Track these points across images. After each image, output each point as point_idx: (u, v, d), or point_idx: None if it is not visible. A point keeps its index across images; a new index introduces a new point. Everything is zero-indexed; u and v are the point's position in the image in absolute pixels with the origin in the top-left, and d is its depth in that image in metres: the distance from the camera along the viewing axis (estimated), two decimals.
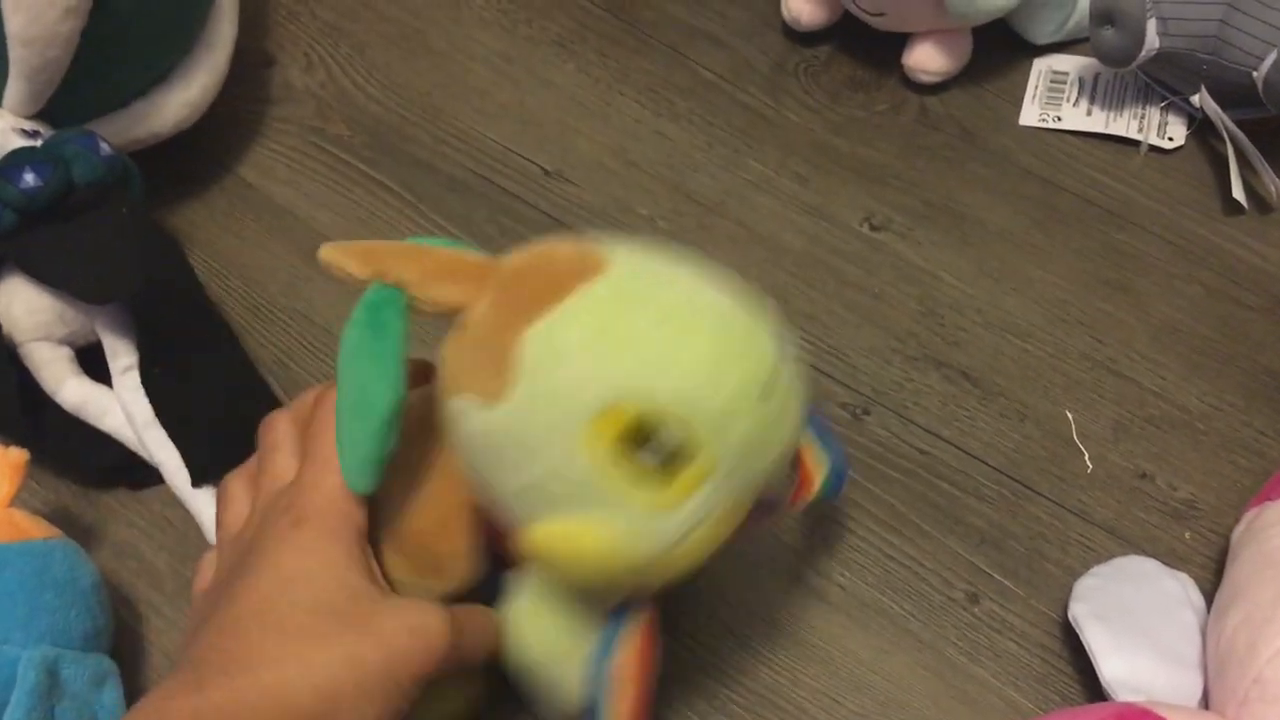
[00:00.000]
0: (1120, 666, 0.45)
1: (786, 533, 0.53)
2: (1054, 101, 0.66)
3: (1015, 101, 0.67)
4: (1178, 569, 0.49)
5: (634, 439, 0.34)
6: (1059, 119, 0.66)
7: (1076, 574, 0.50)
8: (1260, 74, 0.58)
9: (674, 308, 0.35)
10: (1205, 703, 0.45)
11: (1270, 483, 0.50)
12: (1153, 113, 0.65)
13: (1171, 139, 0.64)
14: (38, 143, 0.52)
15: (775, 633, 0.50)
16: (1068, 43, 0.69)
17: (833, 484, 0.46)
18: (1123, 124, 0.65)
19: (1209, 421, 0.55)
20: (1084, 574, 0.49)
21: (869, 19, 0.66)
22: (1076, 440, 0.55)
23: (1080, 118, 0.66)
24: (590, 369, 0.34)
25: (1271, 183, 0.61)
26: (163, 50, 0.59)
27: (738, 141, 0.66)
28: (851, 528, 0.53)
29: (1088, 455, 0.55)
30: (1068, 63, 0.68)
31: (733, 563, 0.52)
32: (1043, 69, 0.68)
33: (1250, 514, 0.49)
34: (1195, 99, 0.63)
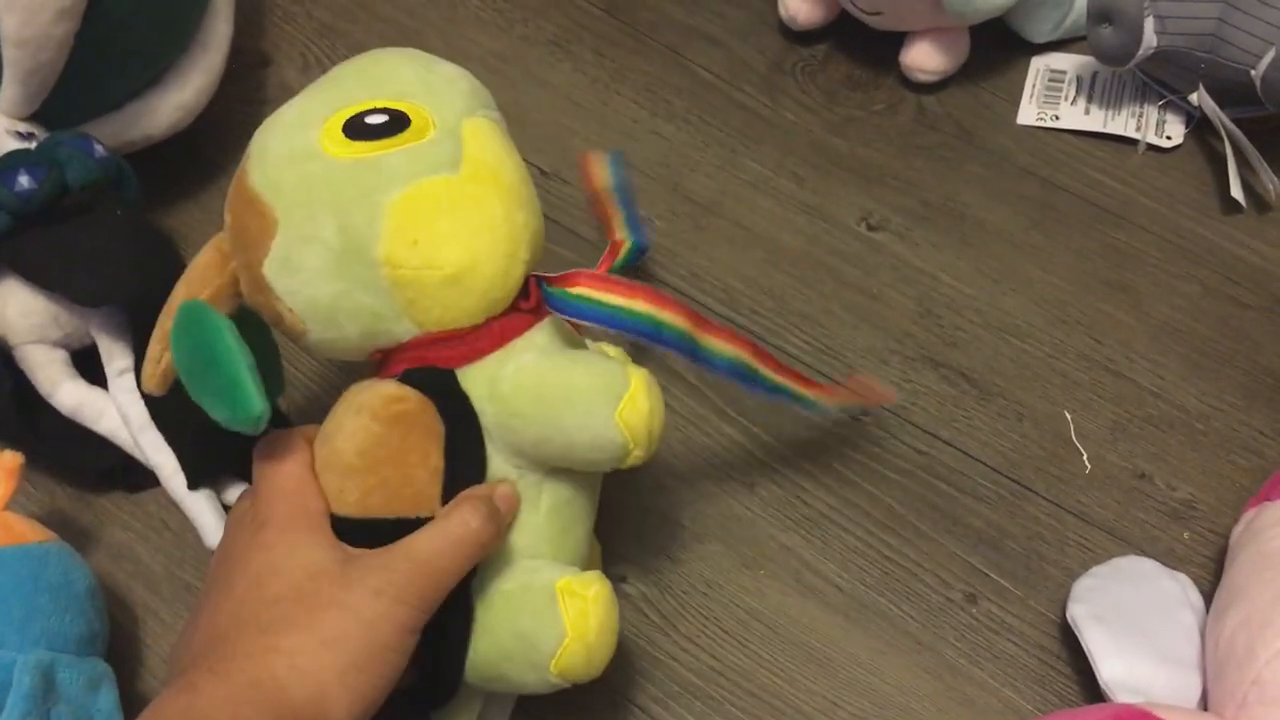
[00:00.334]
0: (1119, 668, 0.45)
1: (785, 534, 0.53)
2: (1052, 100, 0.66)
3: (1013, 100, 0.67)
4: (1176, 569, 0.49)
5: (357, 128, 0.41)
6: (1057, 118, 0.66)
7: (1075, 574, 0.50)
8: (1258, 72, 0.58)
9: (306, 89, 0.44)
10: (1204, 704, 0.45)
11: (1269, 483, 0.50)
12: (1151, 111, 0.65)
13: (1170, 138, 0.64)
14: (32, 145, 0.52)
15: (773, 635, 0.50)
16: (1065, 41, 0.68)
17: (635, 254, 0.55)
18: (1121, 123, 0.65)
19: (1208, 421, 0.55)
20: (1082, 575, 0.49)
21: (866, 18, 0.66)
22: (1075, 440, 0.55)
23: (1078, 116, 0.66)
24: (285, 135, 0.42)
25: (1270, 181, 0.61)
26: (157, 52, 0.59)
27: (735, 141, 0.66)
28: (849, 529, 0.53)
29: (1086, 455, 0.55)
30: (1065, 61, 0.68)
31: (731, 563, 0.52)
32: (1040, 68, 0.68)
33: (1249, 514, 0.49)
34: (1193, 97, 0.63)
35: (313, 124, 0.41)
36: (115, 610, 0.50)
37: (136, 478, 0.53)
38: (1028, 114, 0.66)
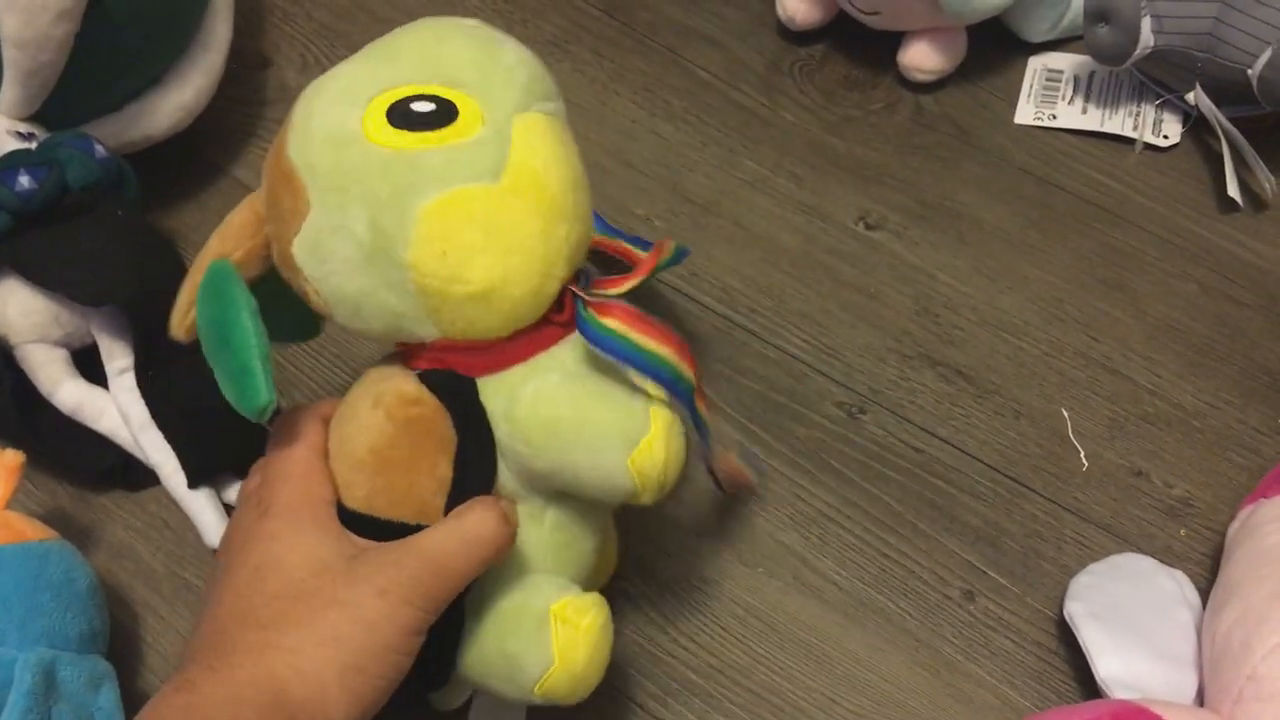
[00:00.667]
0: (1116, 664, 0.45)
1: (783, 532, 0.53)
2: (1049, 100, 0.66)
3: (1010, 100, 0.67)
4: (1173, 566, 0.49)
5: (401, 114, 0.39)
6: (1054, 117, 0.66)
7: (1072, 572, 0.50)
8: (1255, 71, 0.58)
9: (360, 52, 0.42)
10: (1200, 700, 0.45)
11: (1266, 480, 0.50)
12: (1148, 110, 0.65)
13: (1166, 137, 0.64)
14: (32, 145, 0.52)
15: (771, 632, 0.50)
16: (1062, 41, 0.69)
17: (679, 256, 0.52)
18: (1118, 122, 0.65)
19: (1204, 419, 0.56)
20: (1080, 572, 0.50)
21: (864, 18, 0.66)
22: (1072, 438, 0.55)
23: (1075, 116, 0.66)
24: (327, 110, 0.40)
25: (1266, 180, 0.61)
26: (157, 53, 0.59)
27: (733, 141, 0.66)
28: (848, 526, 0.53)
29: (1083, 453, 0.55)
30: (1063, 61, 0.68)
31: (730, 562, 0.52)
32: (1038, 67, 0.68)
33: (1245, 511, 0.49)
34: (1190, 97, 0.63)
35: (358, 101, 0.39)
36: (116, 609, 0.50)
37: (137, 476, 0.54)
38: (1025, 113, 0.66)
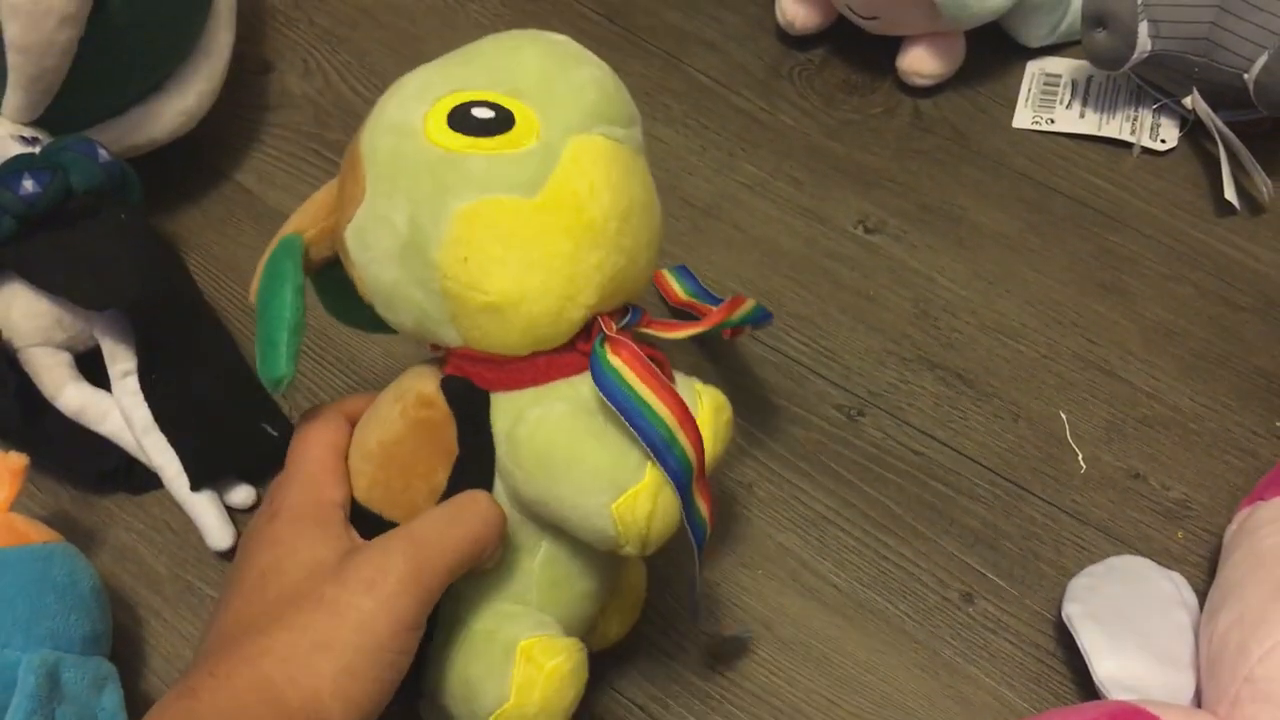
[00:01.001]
0: (1113, 666, 0.45)
1: (782, 534, 0.53)
2: (1047, 104, 0.67)
3: (1008, 104, 0.67)
4: (1171, 568, 0.50)
5: (461, 117, 0.39)
6: (1052, 121, 0.66)
7: (1070, 574, 0.50)
8: (1251, 76, 0.58)
9: (446, 54, 0.42)
10: (1198, 701, 0.45)
11: (1262, 482, 0.51)
12: (1145, 115, 0.66)
13: (1164, 141, 0.65)
14: (36, 150, 0.53)
15: (771, 634, 0.51)
16: (1060, 45, 0.69)
17: (759, 315, 0.49)
18: (1115, 126, 0.65)
19: (1202, 421, 0.56)
20: (1077, 574, 0.50)
21: (862, 23, 0.66)
22: (1070, 441, 0.55)
23: (1073, 120, 0.66)
24: (400, 103, 0.40)
25: (1263, 184, 0.62)
26: (160, 58, 0.59)
27: (733, 145, 0.66)
28: (847, 529, 0.53)
29: (1081, 455, 0.55)
30: (1060, 65, 0.68)
31: (729, 562, 0.52)
32: (1035, 72, 0.68)
33: (1243, 513, 0.49)
34: (1187, 101, 0.63)
35: (427, 99, 0.39)
36: (118, 611, 0.50)
37: (140, 479, 0.54)
38: (1023, 118, 0.67)
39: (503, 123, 0.38)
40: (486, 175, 0.38)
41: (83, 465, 0.54)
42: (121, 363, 0.53)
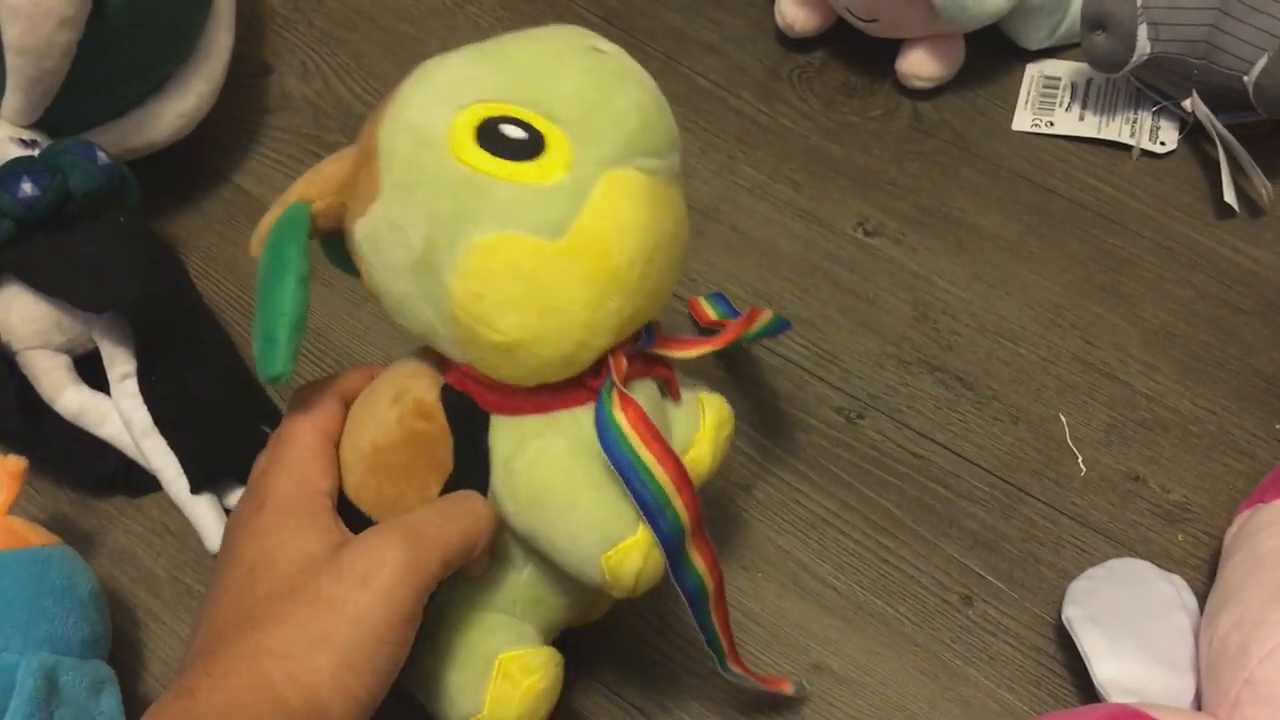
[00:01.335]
0: (1113, 668, 0.45)
1: (782, 536, 0.53)
2: (1046, 106, 0.67)
3: (1008, 107, 0.67)
4: (1170, 571, 0.50)
5: (489, 134, 0.36)
6: (1051, 124, 0.66)
7: (1070, 576, 0.50)
8: (1251, 78, 0.58)
9: (480, 46, 0.39)
10: (1198, 704, 0.45)
11: (1262, 484, 0.50)
12: (1144, 117, 0.66)
13: (1163, 143, 0.65)
14: (35, 152, 0.53)
15: (770, 637, 0.50)
16: (1060, 48, 0.69)
17: (777, 325, 0.49)
18: (1115, 129, 0.65)
19: (1201, 424, 0.56)
20: (1077, 576, 0.50)
21: (862, 25, 0.66)
22: (1070, 443, 0.55)
23: (1073, 123, 0.66)
24: (431, 112, 0.37)
25: (1263, 186, 0.62)
26: (159, 60, 0.59)
27: (732, 147, 0.66)
28: (846, 531, 0.53)
29: (1081, 458, 0.55)
30: (1060, 68, 0.68)
31: (729, 565, 0.52)
32: (1035, 74, 0.68)
33: (1243, 516, 0.49)
34: (1187, 103, 0.63)
35: (454, 103, 0.37)
36: (117, 614, 0.50)
37: (139, 482, 0.54)
38: (1023, 120, 0.67)
39: (533, 146, 0.36)
40: (511, 208, 0.36)
41: (82, 468, 0.54)
42: (120, 365, 0.53)
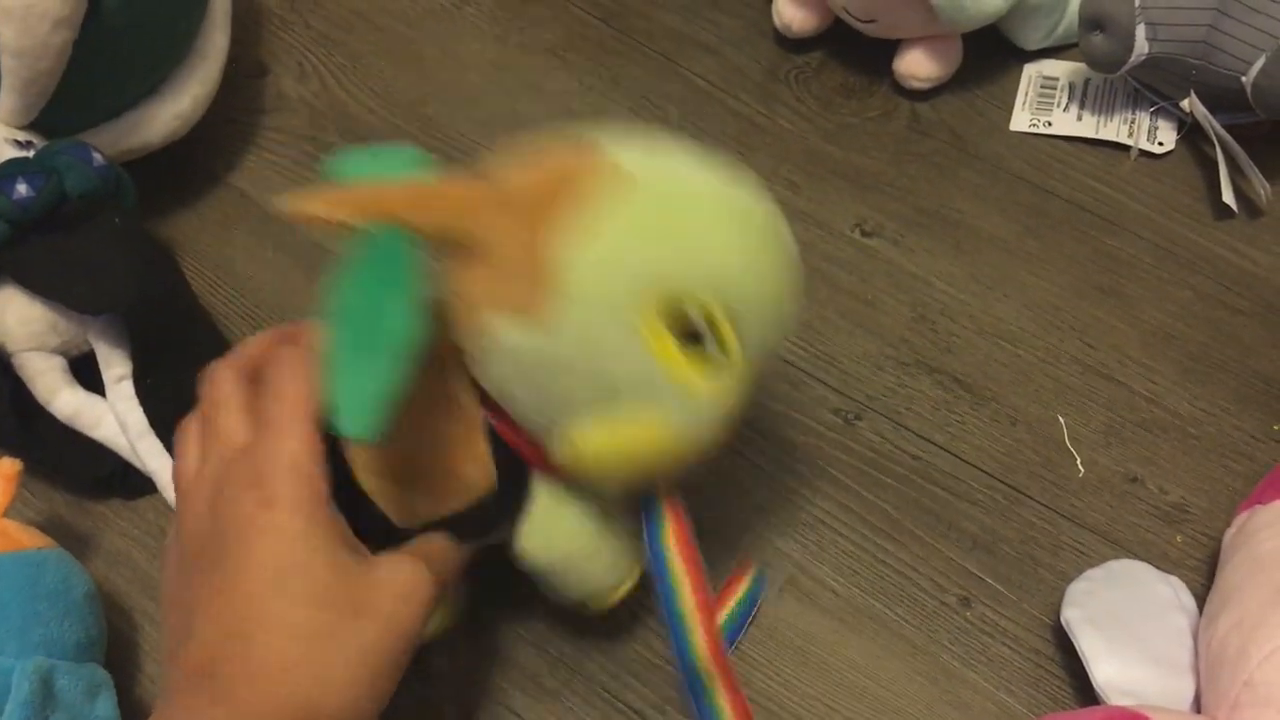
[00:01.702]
0: (1112, 670, 0.45)
1: (779, 538, 0.53)
2: (1044, 107, 0.67)
3: (1006, 107, 0.67)
4: (1169, 572, 0.49)
5: (681, 327, 0.35)
6: (1050, 124, 0.66)
7: (1068, 578, 0.50)
8: (1249, 79, 0.58)
9: (696, 199, 0.36)
10: (1197, 706, 0.45)
11: (1261, 486, 0.50)
12: (1143, 118, 0.66)
13: (1161, 144, 0.65)
14: (30, 153, 0.52)
15: (768, 639, 0.50)
16: (1058, 48, 0.69)
17: (755, 593, 0.51)
18: (1113, 129, 0.65)
19: (1200, 425, 0.56)
20: (1076, 578, 0.50)
21: (860, 26, 0.66)
22: (1068, 445, 0.55)
23: (1071, 123, 0.66)
24: (634, 269, 0.35)
25: (1261, 187, 0.62)
26: (155, 61, 0.59)
27: (730, 148, 0.66)
28: (844, 533, 0.53)
29: (1079, 459, 0.55)
30: (1058, 68, 0.68)
31: (726, 568, 0.52)
32: (1033, 74, 0.68)
33: (1241, 517, 0.49)
34: (1185, 104, 0.63)
35: (652, 279, 0.35)
36: (113, 616, 0.50)
37: (134, 484, 0.54)
38: (1021, 121, 0.66)
39: (711, 343, 0.36)
40: (672, 403, 0.36)
41: (77, 470, 0.53)
42: (116, 367, 0.52)
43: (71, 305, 0.51)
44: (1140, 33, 0.60)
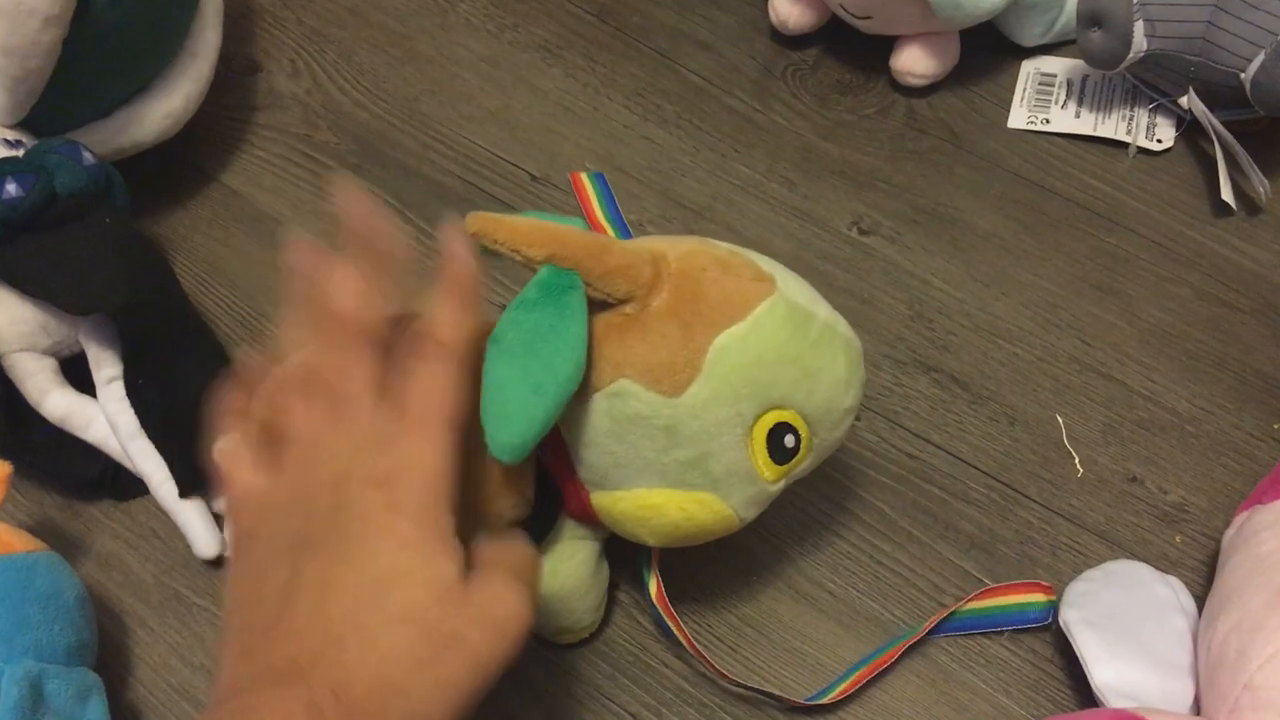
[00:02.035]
0: (1111, 672, 0.45)
1: (778, 539, 0.52)
2: (1042, 104, 0.66)
3: (1004, 104, 0.67)
4: (1168, 573, 0.49)
5: (774, 439, 0.42)
6: (1047, 121, 0.66)
7: (1067, 579, 0.50)
8: (1247, 75, 0.58)
9: (822, 331, 0.42)
10: (1196, 708, 0.44)
11: (1261, 485, 0.50)
12: (1141, 115, 0.65)
13: (1160, 141, 0.64)
14: (20, 153, 0.52)
15: (766, 641, 0.50)
16: (1056, 45, 0.68)
17: None
18: (1111, 126, 0.65)
19: (1199, 424, 0.55)
20: (1074, 579, 0.49)
21: (856, 22, 0.66)
22: (1066, 444, 0.55)
23: (1069, 120, 0.66)
24: (765, 378, 0.41)
25: (1260, 184, 0.61)
26: (146, 59, 0.58)
27: (725, 146, 0.66)
28: (842, 534, 0.53)
29: (1078, 459, 0.54)
30: (1056, 65, 0.68)
31: (723, 568, 0.52)
32: (1031, 71, 0.68)
33: (1241, 517, 0.49)
34: (1183, 101, 0.63)
35: (765, 400, 0.41)
36: (104, 620, 0.50)
37: (126, 486, 0.53)
38: (1018, 118, 0.66)
39: (796, 453, 0.43)
40: (747, 496, 0.42)
41: (68, 472, 0.53)
42: (107, 368, 0.52)
43: (61, 306, 0.51)
44: (1139, 29, 0.60)
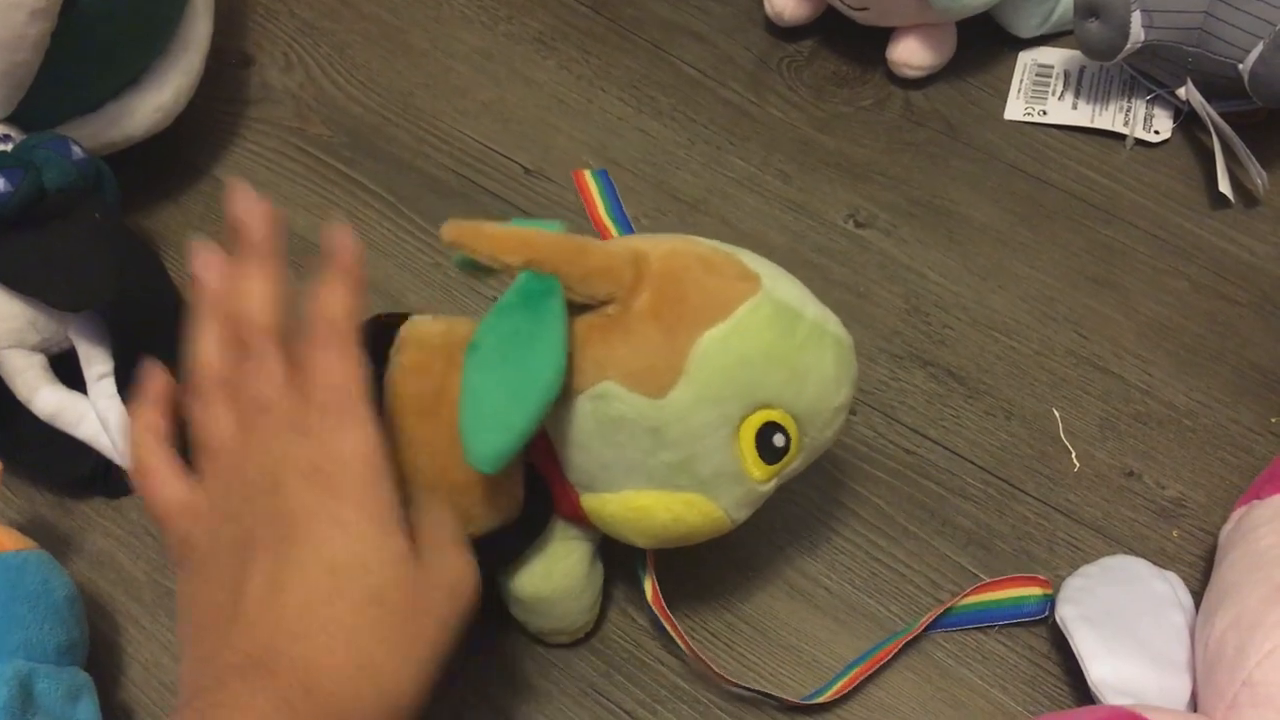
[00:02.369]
0: (1108, 669, 0.45)
1: (774, 536, 0.52)
2: (1039, 95, 0.66)
3: (1000, 95, 0.66)
4: (1166, 568, 0.49)
5: (764, 439, 0.41)
6: (1044, 113, 0.65)
7: (1064, 574, 0.49)
8: (1245, 66, 0.57)
9: (810, 331, 0.41)
10: (1194, 705, 0.44)
11: (1259, 480, 0.50)
12: (1138, 106, 0.65)
13: (1157, 132, 0.64)
14: (8, 147, 0.52)
15: (762, 637, 0.50)
16: (1053, 36, 0.68)
17: None
18: (1108, 118, 0.65)
19: (1196, 418, 0.55)
20: (1071, 574, 0.49)
21: (852, 13, 0.65)
22: (1063, 438, 0.55)
23: (1066, 111, 0.65)
24: (750, 379, 0.40)
25: (1258, 175, 0.61)
26: (135, 52, 0.58)
27: (721, 138, 0.65)
28: (838, 529, 0.52)
29: (1074, 453, 0.54)
30: (1053, 56, 0.67)
31: (718, 565, 0.51)
32: (1028, 62, 0.67)
33: (1239, 512, 0.49)
34: (1181, 92, 0.62)
35: (752, 399, 0.40)
36: (95, 618, 0.50)
37: (117, 483, 0.53)
38: (1015, 109, 0.66)
39: (785, 453, 0.42)
40: (736, 498, 0.42)
41: (59, 469, 0.53)
42: (97, 364, 0.52)
43: (51, 302, 0.50)
44: (1136, 20, 0.59)
